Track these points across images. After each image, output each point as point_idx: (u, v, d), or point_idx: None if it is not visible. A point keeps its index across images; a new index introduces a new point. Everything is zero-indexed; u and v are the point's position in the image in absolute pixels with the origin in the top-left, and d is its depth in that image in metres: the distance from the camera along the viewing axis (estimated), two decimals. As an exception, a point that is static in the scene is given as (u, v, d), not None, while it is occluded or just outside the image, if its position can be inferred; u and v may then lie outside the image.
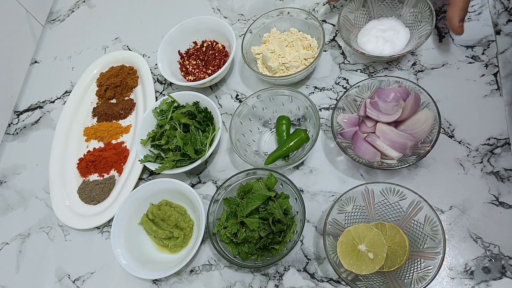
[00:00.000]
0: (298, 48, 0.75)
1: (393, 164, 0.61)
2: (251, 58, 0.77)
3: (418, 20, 0.70)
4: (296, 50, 0.76)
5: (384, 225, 0.57)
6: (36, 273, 0.75)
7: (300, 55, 0.75)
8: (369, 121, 0.64)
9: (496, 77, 0.67)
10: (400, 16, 0.73)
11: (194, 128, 0.73)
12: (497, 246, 0.57)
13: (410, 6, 0.71)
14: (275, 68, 0.74)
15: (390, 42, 0.70)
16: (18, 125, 0.95)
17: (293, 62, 0.74)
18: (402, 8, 0.72)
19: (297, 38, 0.76)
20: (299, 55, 0.75)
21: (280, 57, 0.75)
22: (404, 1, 0.71)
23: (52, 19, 1.10)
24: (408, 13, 0.72)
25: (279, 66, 0.74)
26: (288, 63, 0.74)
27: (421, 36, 0.68)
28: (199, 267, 0.67)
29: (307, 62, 0.75)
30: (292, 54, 0.75)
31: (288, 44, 0.76)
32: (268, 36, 0.78)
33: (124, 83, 0.89)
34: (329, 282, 0.61)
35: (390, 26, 0.73)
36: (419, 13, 0.70)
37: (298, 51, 0.75)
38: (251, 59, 0.77)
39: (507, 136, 0.62)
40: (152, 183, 0.70)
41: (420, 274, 0.53)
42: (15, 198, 0.85)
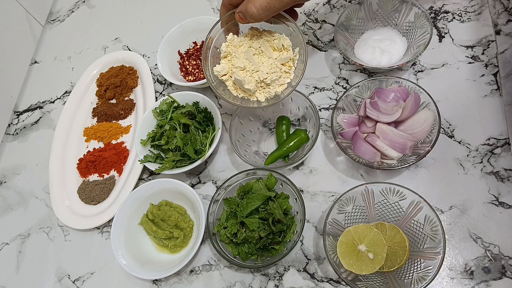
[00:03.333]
0: (270, 52, 0.58)
1: (393, 164, 0.61)
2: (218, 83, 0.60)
3: (414, 29, 0.70)
4: (268, 56, 0.58)
5: (384, 225, 0.57)
6: (36, 273, 0.75)
7: (274, 61, 0.58)
8: (369, 121, 0.64)
9: (496, 77, 0.67)
10: (396, 25, 0.73)
11: (194, 128, 0.73)
12: (497, 246, 0.57)
13: (405, 15, 0.71)
14: (254, 88, 0.58)
15: (387, 52, 0.70)
16: (18, 125, 0.95)
17: (272, 74, 0.57)
18: (398, 18, 0.72)
19: (264, 40, 0.58)
20: (274, 61, 0.58)
21: (254, 72, 0.58)
22: (400, 10, 0.71)
23: (52, 19, 1.10)
24: (404, 22, 0.71)
25: (257, 84, 0.58)
26: (266, 77, 0.57)
27: (419, 46, 0.67)
28: (199, 267, 0.67)
29: (287, 68, 0.59)
30: (266, 63, 0.58)
31: (255, 51, 0.59)
32: (227, 47, 0.59)
33: (124, 83, 0.89)
34: (329, 282, 0.61)
35: (386, 36, 0.72)
36: (415, 22, 0.69)
37: (271, 56, 0.58)
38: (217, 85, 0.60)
39: (507, 136, 0.62)
40: (152, 183, 0.70)
41: (420, 274, 0.53)
42: (15, 198, 0.85)
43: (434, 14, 0.75)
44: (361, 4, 0.73)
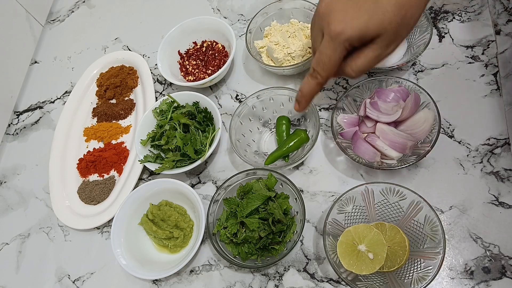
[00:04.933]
0: (301, 37, 0.76)
1: (393, 164, 0.61)
2: (255, 52, 0.78)
3: (414, 28, 0.70)
4: (299, 39, 0.76)
5: (384, 225, 0.57)
6: (36, 273, 0.75)
7: (304, 44, 0.75)
8: (369, 121, 0.64)
9: (496, 77, 0.67)
10: None
11: (194, 128, 0.73)
12: (497, 246, 0.57)
13: None
14: (281, 59, 0.75)
15: None
16: (18, 125, 0.95)
17: (298, 52, 0.74)
18: None
19: (299, 28, 0.77)
20: (303, 44, 0.75)
21: (285, 48, 0.76)
22: None
23: (52, 19, 1.10)
24: None
25: (285, 56, 0.75)
26: (293, 52, 0.74)
27: (419, 46, 0.67)
28: (199, 267, 0.67)
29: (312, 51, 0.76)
30: (296, 44, 0.76)
31: (290, 35, 0.77)
32: (269, 30, 0.80)
33: (124, 83, 0.89)
34: (329, 282, 0.61)
35: None
36: None
37: (301, 40, 0.76)
38: (255, 54, 0.77)
39: (507, 136, 0.62)
40: (152, 183, 0.70)
41: (420, 274, 0.53)
42: (15, 198, 0.85)
43: (434, 14, 0.75)
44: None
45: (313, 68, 0.51)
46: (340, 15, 0.45)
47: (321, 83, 0.52)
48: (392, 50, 0.47)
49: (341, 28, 0.45)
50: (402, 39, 0.47)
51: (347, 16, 0.45)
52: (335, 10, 0.46)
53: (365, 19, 0.44)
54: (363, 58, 0.47)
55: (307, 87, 0.53)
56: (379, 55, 0.47)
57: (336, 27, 0.46)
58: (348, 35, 0.45)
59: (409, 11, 0.44)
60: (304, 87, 0.54)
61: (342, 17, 0.45)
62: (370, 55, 0.47)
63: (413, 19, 0.45)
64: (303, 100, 0.55)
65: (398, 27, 0.45)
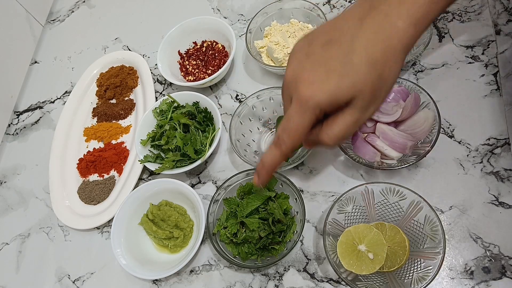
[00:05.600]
0: None
1: (393, 164, 0.61)
2: (255, 52, 0.78)
3: None
4: None
5: (384, 225, 0.57)
6: (36, 273, 0.75)
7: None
8: (369, 121, 0.64)
9: (496, 77, 0.67)
10: None
11: (194, 128, 0.73)
12: (497, 246, 0.57)
13: None
14: (281, 59, 0.75)
15: None
16: (18, 125, 0.95)
17: None
18: None
19: (299, 28, 0.78)
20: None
21: (285, 48, 0.76)
22: None
23: (52, 19, 1.10)
24: None
25: (285, 56, 0.75)
26: None
27: (419, 46, 0.67)
28: (199, 267, 0.67)
29: None
30: None
31: (290, 35, 0.78)
32: (269, 30, 0.80)
33: (124, 83, 0.89)
34: (329, 282, 0.61)
35: None
36: None
37: None
38: (255, 54, 0.78)
39: (507, 136, 0.62)
40: (152, 183, 0.70)
41: (420, 274, 0.53)
42: (15, 198, 0.85)
43: (434, 14, 0.75)
44: (361, 4, 0.73)
45: (278, 136, 0.44)
46: (309, 79, 0.40)
47: (286, 153, 0.45)
48: (372, 112, 0.42)
49: (310, 92, 0.40)
50: (382, 99, 0.42)
51: (316, 79, 0.40)
52: (303, 74, 0.41)
53: (335, 81, 0.39)
54: (340, 123, 0.41)
55: (269, 157, 0.46)
56: (357, 120, 0.41)
57: (304, 93, 0.40)
58: (318, 99, 0.39)
59: (386, 68, 0.39)
60: (266, 157, 0.46)
61: (310, 81, 0.40)
62: (347, 120, 0.41)
63: (391, 75, 0.40)
64: (264, 172, 0.47)
65: (374, 87, 0.39)
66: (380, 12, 0.40)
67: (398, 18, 0.39)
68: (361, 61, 0.39)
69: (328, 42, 0.41)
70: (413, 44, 0.41)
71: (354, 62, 0.39)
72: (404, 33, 0.40)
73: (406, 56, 0.66)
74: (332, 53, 0.40)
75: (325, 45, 0.41)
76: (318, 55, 0.41)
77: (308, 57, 0.42)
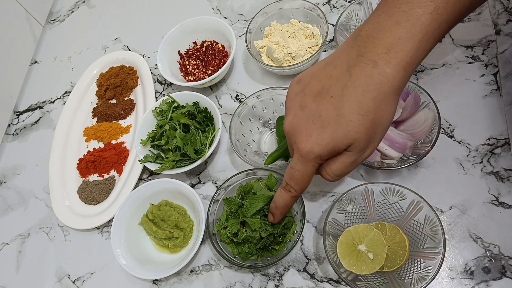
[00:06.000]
0: (301, 37, 0.77)
1: (393, 164, 0.61)
2: (255, 52, 0.78)
3: None
4: (299, 39, 0.77)
5: (384, 225, 0.57)
6: (36, 273, 0.75)
7: (303, 44, 0.76)
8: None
9: (496, 77, 0.67)
10: None
11: (194, 128, 0.73)
12: (497, 246, 0.57)
13: None
14: (281, 59, 0.76)
15: None
16: (18, 125, 0.95)
17: (298, 52, 0.75)
18: None
19: (299, 28, 0.78)
20: (303, 44, 0.76)
21: (285, 48, 0.76)
22: None
23: (52, 19, 1.10)
24: None
25: (285, 56, 0.76)
26: (293, 52, 0.75)
27: None
28: (199, 267, 0.67)
29: (312, 50, 0.77)
30: (296, 44, 0.77)
31: (290, 35, 0.78)
32: (269, 30, 0.81)
33: (124, 83, 0.89)
34: (329, 282, 0.61)
35: None
36: None
37: (301, 40, 0.77)
38: (255, 54, 0.78)
39: (507, 136, 0.62)
40: (152, 183, 0.70)
41: (420, 274, 0.53)
42: (15, 198, 0.85)
43: (434, 14, 0.75)
44: (361, 4, 0.73)
45: (285, 182, 0.49)
46: (305, 134, 0.44)
47: (296, 196, 0.51)
48: (370, 152, 0.45)
49: (309, 147, 0.43)
50: (379, 139, 0.44)
51: (312, 134, 0.43)
52: (299, 129, 0.44)
53: (330, 134, 0.42)
54: (338, 164, 0.45)
55: (281, 200, 0.52)
56: (355, 161, 0.44)
57: (303, 147, 0.44)
58: (317, 152, 0.43)
59: (378, 113, 0.41)
60: (278, 200, 0.52)
61: (307, 137, 0.43)
62: (345, 161, 0.45)
63: (384, 118, 0.42)
64: (278, 213, 0.54)
65: (369, 133, 0.42)
66: (368, 61, 0.41)
67: (387, 66, 0.40)
68: (353, 111, 0.41)
69: (319, 92, 0.43)
70: (405, 85, 0.43)
71: (345, 114, 0.41)
72: (394, 78, 0.41)
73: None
74: (324, 106, 0.42)
75: (317, 96, 0.43)
76: (311, 107, 0.44)
77: (302, 110, 0.44)
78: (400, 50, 0.40)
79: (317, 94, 0.43)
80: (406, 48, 0.40)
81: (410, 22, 0.40)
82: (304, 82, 0.46)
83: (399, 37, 0.40)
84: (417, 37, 0.40)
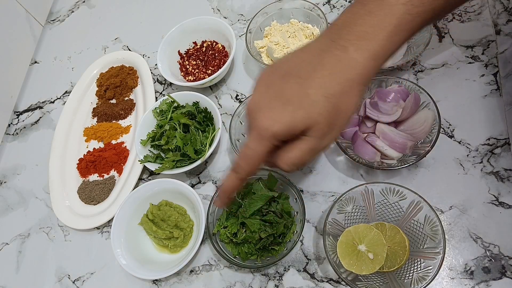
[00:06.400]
0: (301, 37, 0.78)
1: (393, 164, 0.61)
2: (255, 52, 0.78)
3: None
4: (299, 39, 0.78)
5: (384, 225, 0.57)
6: (36, 273, 0.75)
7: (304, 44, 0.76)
8: (369, 121, 0.64)
9: (496, 77, 0.67)
10: None
11: (194, 128, 0.73)
12: (497, 246, 0.57)
13: None
14: None
15: None
16: (18, 125, 0.95)
17: None
18: None
19: (299, 28, 0.79)
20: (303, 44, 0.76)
21: (285, 48, 0.77)
22: None
23: (52, 19, 1.10)
24: None
25: None
26: None
27: (419, 46, 0.67)
28: (199, 267, 0.67)
29: None
30: (296, 44, 0.77)
31: (290, 35, 0.79)
32: (269, 30, 0.81)
33: (124, 83, 0.89)
34: (329, 282, 0.61)
35: None
36: None
37: (301, 40, 0.77)
38: (255, 54, 0.78)
39: (507, 136, 0.62)
40: (152, 183, 0.70)
41: (420, 274, 0.53)
42: (15, 198, 0.85)
43: (434, 14, 0.75)
44: (361, 4, 0.73)
45: (236, 162, 0.47)
46: (267, 110, 0.43)
47: (243, 178, 0.47)
48: (329, 141, 0.44)
49: (267, 124, 0.42)
50: (339, 129, 0.44)
51: (274, 111, 0.42)
52: (261, 107, 0.43)
53: (291, 112, 0.41)
54: (296, 150, 0.43)
55: (228, 182, 0.49)
56: (314, 148, 0.43)
57: (262, 122, 0.42)
58: (275, 130, 0.42)
59: (342, 100, 0.41)
60: (225, 182, 0.49)
61: (268, 112, 0.42)
62: (303, 147, 0.43)
63: (348, 107, 0.42)
64: (224, 196, 0.51)
65: (330, 118, 0.41)
66: (339, 47, 0.41)
67: (357, 53, 0.41)
68: (317, 93, 0.41)
69: (287, 73, 0.43)
70: (373, 76, 0.43)
71: (310, 94, 0.41)
72: (362, 67, 0.41)
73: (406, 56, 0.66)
74: (290, 85, 0.42)
75: (285, 76, 0.43)
76: (277, 86, 0.43)
77: (268, 88, 0.44)
78: (371, 38, 0.40)
79: (285, 74, 0.43)
80: (377, 37, 0.40)
81: (383, 12, 0.40)
82: (276, 65, 0.46)
83: (371, 25, 0.40)
84: (388, 28, 0.40)
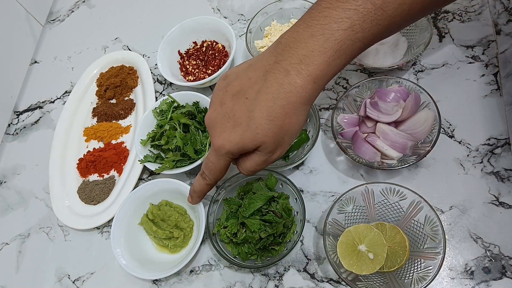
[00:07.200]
0: None
1: (393, 164, 0.61)
2: (255, 52, 0.78)
3: (414, 28, 0.70)
4: None
5: (384, 225, 0.57)
6: (36, 273, 0.75)
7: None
8: (369, 121, 0.64)
9: (496, 77, 0.67)
10: None
11: (194, 128, 0.73)
12: (497, 246, 0.57)
13: None
14: None
15: (387, 52, 0.70)
16: (18, 125, 0.95)
17: None
18: None
19: None
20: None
21: None
22: None
23: (52, 19, 1.10)
24: None
25: None
26: None
27: (419, 46, 0.67)
28: (199, 267, 0.67)
29: None
30: None
31: None
32: (270, 30, 0.81)
33: (124, 83, 0.89)
34: (329, 282, 0.61)
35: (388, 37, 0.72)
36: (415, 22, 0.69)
37: None
38: (255, 54, 0.78)
39: (507, 136, 0.62)
40: (152, 183, 0.70)
41: (420, 274, 0.53)
42: (15, 198, 0.85)
43: (434, 14, 0.75)
44: (361, 4, 0.73)
45: (202, 170, 0.53)
46: (219, 130, 0.47)
47: (210, 184, 0.54)
48: (280, 154, 0.48)
49: (221, 143, 0.47)
50: (287, 144, 0.48)
51: (225, 131, 0.46)
52: (215, 124, 0.48)
53: (240, 134, 0.45)
54: (251, 162, 0.49)
55: (197, 185, 0.56)
56: (265, 160, 0.48)
57: (216, 142, 0.47)
58: (228, 148, 0.47)
59: (286, 120, 0.44)
60: (196, 184, 0.56)
61: (220, 133, 0.47)
62: (256, 160, 0.48)
63: (292, 126, 0.45)
64: (195, 196, 0.58)
65: (276, 138, 0.45)
66: (282, 70, 0.43)
67: (297, 77, 0.43)
68: (262, 116, 0.44)
69: (238, 92, 0.46)
70: (315, 97, 0.45)
71: (255, 118, 0.44)
72: (303, 89, 0.43)
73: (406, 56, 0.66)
74: (239, 106, 0.45)
75: (235, 96, 0.46)
76: (229, 107, 0.46)
77: (221, 106, 0.47)
78: (311, 62, 0.42)
79: (236, 93, 0.46)
80: (317, 61, 0.42)
81: (324, 36, 0.41)
82: (228, 79, 0.48)
83: (312, 49, 0.42)
84: (329, 52, 0.42)
